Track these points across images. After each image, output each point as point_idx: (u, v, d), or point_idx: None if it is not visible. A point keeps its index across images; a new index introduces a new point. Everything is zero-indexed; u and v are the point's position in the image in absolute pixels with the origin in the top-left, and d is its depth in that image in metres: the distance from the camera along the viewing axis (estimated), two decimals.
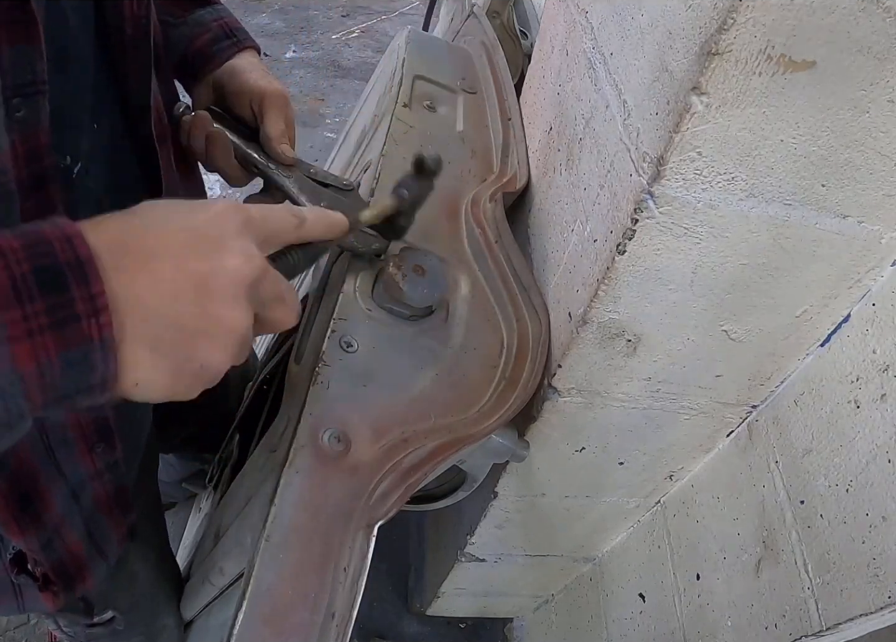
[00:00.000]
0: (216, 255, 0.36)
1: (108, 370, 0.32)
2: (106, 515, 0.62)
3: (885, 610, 0.57)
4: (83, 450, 0.55)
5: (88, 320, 0.31)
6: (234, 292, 0.36)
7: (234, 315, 0.36)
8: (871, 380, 0.60)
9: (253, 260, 0.37)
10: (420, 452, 0.58)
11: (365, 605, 0.71)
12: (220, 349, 0.36)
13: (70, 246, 0.31)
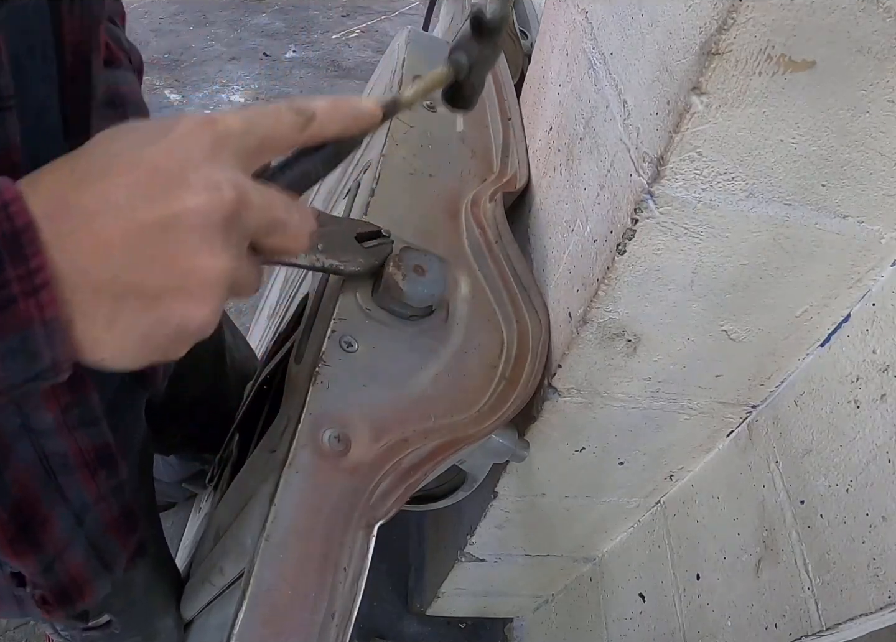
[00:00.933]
0: (173, 196, 0.29)
1: (58, 353, 0.28)
2: (114, 535, 0.61)
3: (885, 610, 0.57)
4: (86, 476, 0.53)
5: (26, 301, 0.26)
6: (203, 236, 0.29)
7: (208, 264, 0.30)
8: (871, 380, 0.60)
9: (221, 190, 0.30)
10: (420, 452, 0.58)
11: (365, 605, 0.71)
12: (197, 304, 0.30)
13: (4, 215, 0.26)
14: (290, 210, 0.35)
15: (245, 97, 2.78)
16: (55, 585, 0.59)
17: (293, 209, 0.35)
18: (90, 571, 0.61)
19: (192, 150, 0.30)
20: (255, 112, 0.34)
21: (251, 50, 3.01)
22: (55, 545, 0.55)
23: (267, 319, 1.46)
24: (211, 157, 0.31)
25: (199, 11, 3.13)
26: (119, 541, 0.63)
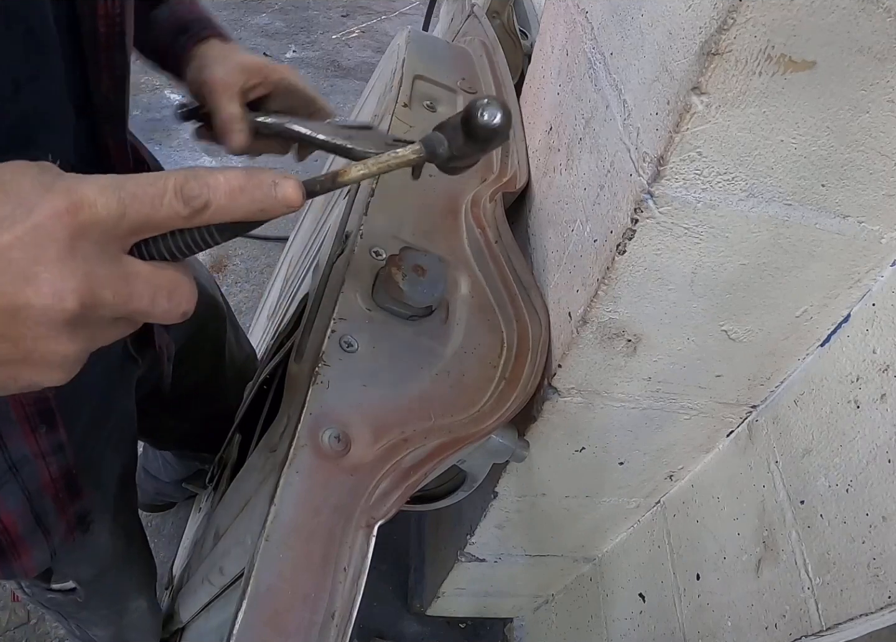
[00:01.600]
0: (20, 291, 0.29)
1: None
2: (51, 496, 0.62)
3: (885, 610, 0.57)
4: (26, 430, 0.54)
5: None
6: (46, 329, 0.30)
7: (51, 348, 0.31)
8: (871, 380, 0.60)
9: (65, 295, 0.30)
10: (420, 452, 0.58)
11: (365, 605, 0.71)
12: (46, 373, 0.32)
13: None
14: (155, 299, 0.33)
15: None
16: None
17: (159, 297, 0.33)
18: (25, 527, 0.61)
19: (47, 247, 0.30)
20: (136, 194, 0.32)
21: (251, 50, 3.01)
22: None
23: (267, 319, 1.46)
24: (66, 253, 0.30)
25: None
26: (56, 505, 0.63)
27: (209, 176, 0.33)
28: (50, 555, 0.67)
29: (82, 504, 0.66)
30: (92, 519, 0.69)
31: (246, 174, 0.34)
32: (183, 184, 0.32)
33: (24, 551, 0.64)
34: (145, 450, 1.48)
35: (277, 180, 0.34)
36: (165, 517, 1.56)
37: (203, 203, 0.32)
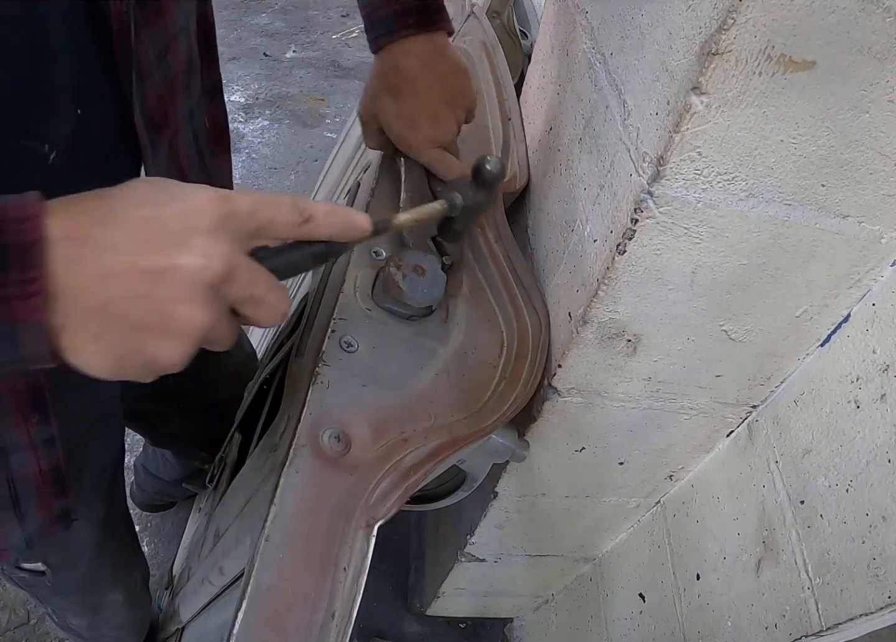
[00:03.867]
0: (173, 253, 0.34)
1: (38, 349, 0.33)
2: (36, 488, 0.62)
3: (885, 610, 0.57)
4: (19, 418, 0.55)
5: (18, 303, 0.32)
6: (189, 292, 0.34)
7: (187, 314, 0.35)
8: (871, 380, 0.60)
9: (213, 260, 0.35)
10: (420, 452, 0.58)
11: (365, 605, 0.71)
12: (169, 346, 0.35)
13: (22, 228, 0.31)
14: (269, 290, 0.39)
15: (245, 97, 2.78)
16: None
17: (273, 290, 0.39)
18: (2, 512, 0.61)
19: (201, 220, 0.35)
20: (264, 199, 0.38)
21: (251, 50, 3.01)
22: None
23: None
24: (214, 230, 0.35)
25: None
26: (39, 497, 0.63)
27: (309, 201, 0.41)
28: (25, 542, 0.66)
29: (67, 503, 0.66)
30: (76, 518, 0.69)
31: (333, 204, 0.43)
32: (295, 200, 0.40)
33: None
34: (145, 449, 1.48)
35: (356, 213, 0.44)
36: (165, 517, 1.56)
37: (309, 215, 0.40)
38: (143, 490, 1.50)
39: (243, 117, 2.69)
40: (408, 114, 0.69)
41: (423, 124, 0.70)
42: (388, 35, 0.67)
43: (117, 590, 0.95)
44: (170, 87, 0.56)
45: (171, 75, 0.56)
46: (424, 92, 0.68)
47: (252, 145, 2.57)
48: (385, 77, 0.68)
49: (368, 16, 0.68)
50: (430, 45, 0.68)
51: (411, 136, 0.70)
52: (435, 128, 0.71)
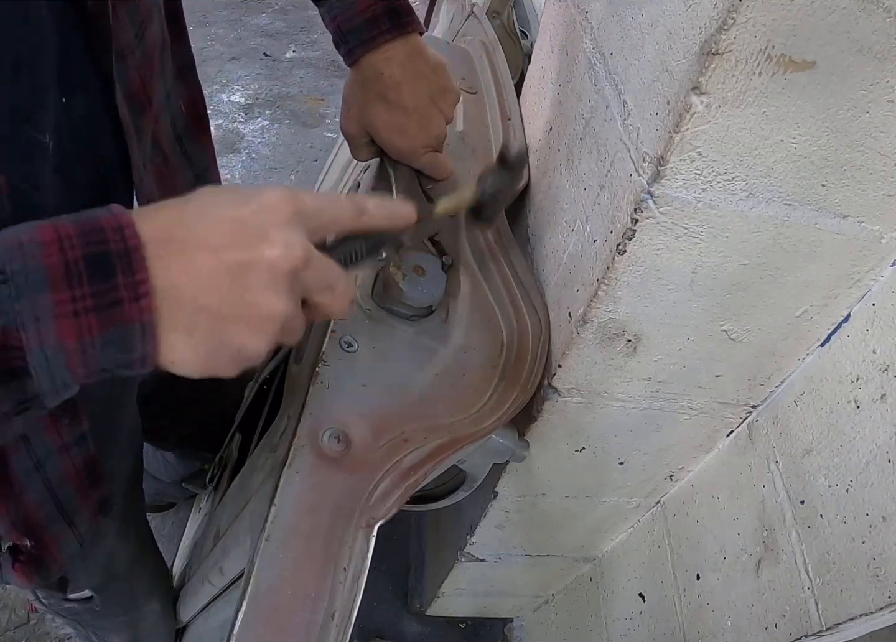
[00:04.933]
0: (256, 245, 0.36)
1: (147, 350, 0.35)
2: (75, 487, 0.62)
3: (885, 610, 0.57)
4: (48, 422, 0.55)
5: (130, 305, 0.34)
6: (272, 280, 0.37)
7: (270, 302, 0.37)
8: (871, 380, 0.60)
9: (294, 249, 0.37)
10: (420, 452, 0.58)
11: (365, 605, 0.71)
12: (255, 334, 0.38)
13: (121, 236, 0.34)
14: (340, 277, 0.42)
15: (245, 97, 2.78)
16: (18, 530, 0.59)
17: (342, 277, 0.42)
18: (49, 518, 0.61)
19: (277, 216, 0.38)
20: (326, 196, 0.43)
21: (251, 50, 3.01)
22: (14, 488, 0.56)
23: None
24: (289, 223, 0.38)
25: (199, 11, 3.12)
26: (79, 493, 0.63)
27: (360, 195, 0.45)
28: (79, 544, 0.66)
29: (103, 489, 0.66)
30: (115, 503, 0.69)
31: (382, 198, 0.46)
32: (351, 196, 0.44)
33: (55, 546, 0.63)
34: (146, 451, 1.47)
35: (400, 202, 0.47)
36: (165, 517, 1.56)
37: (366, 207, 0.44)
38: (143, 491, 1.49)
39: (243, 117, 2.69)
40: (397, 122, 0.69)
41: (413, 131, 0.70)
42: (365, 44, 0.67)
43: (155, 599, 0.95)
44: (150, 67, 0.54)
45: (150, 55, 0.54)
46: (410, 96, 0.68)
47: (252, 145, 2.57)
48: (369, 88, 0.68)
49: (339, 28, 0.67)
50: (409, 47, 0.68)
51: (404, 143, 0.70)
52: (426, 132, 0.71)
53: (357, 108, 0.70)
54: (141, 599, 0.92)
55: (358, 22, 0.66)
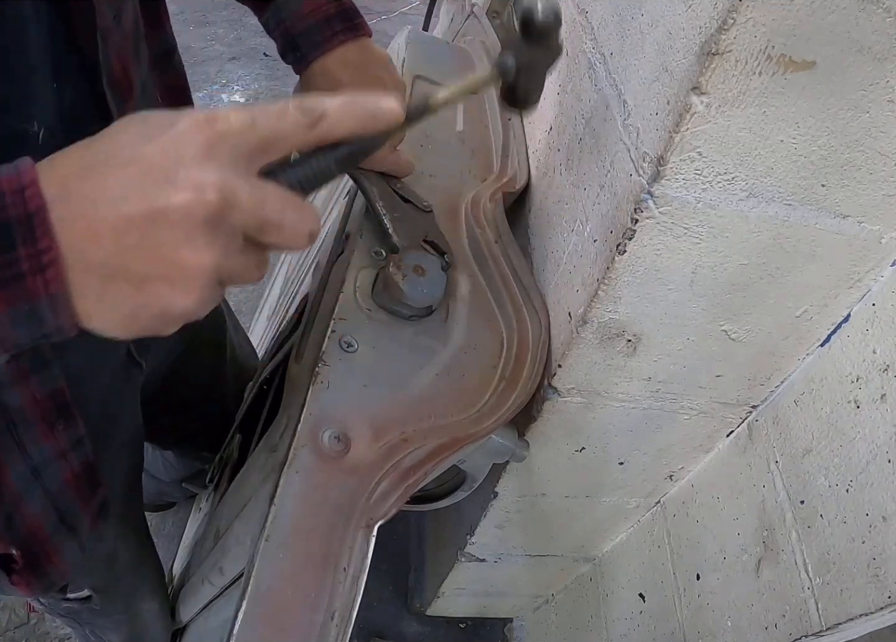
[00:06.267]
0: (161, 193, 0.31)
1: (61, 322, 0.32)
2: (74, 492, 0.61)
3: (885, 610, 0.57)
4: (44, 429, 0.53)
5: (34, 277, 0.30)
6: (186, 232, 0.31)
7: (189, 257, 0.32)
8: (871, 380, 0.60)
9: (205, 192, 0.31)
10: (420, 452, 0.58)
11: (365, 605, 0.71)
12: (180, 292, 0.33)
13: (21, 198, 0.30)
14: (284, 209, 0.35)
15: (245, 97, 2.78)
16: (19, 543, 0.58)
17: (289, 209, 0.35)
18: (50, 528, 0.60)
19: (187, 149, 0.32)
20: (260, 110, 0.34)
21: (251, 50, 3.01)
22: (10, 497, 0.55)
23: (267, 319, 1.46)
24: (204, 156, 0.32)
25: (199, 11, 3.12)
26: (80, 500, 0.62)
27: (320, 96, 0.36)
28: (81, 550, 0.65)
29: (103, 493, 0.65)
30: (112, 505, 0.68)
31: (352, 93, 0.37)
32: (301, 102, 0.35)
33: (55, 554, 0.62)
34: (146, 450, 1.47)
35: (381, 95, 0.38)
36: (165, 517, 1.56)
37: (321, 112, 0.35)
38: (143, 491, 1.49)
39: None
40: None
41: None
42: (318, 47, 0.64)
43: (154, 599, 0.95)
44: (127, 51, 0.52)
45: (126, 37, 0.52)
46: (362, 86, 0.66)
47: None
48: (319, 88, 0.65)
49: (286, 32, 0.65)
50: (360, 48, 0.65)
51: None
52: None
53: None
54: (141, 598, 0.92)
55: (308, 24, 0.64)
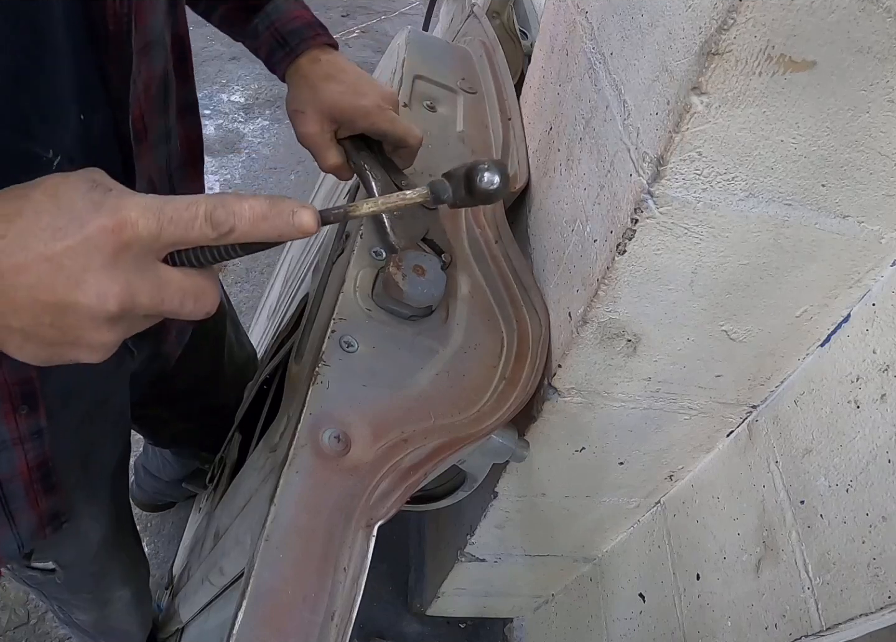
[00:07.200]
0: (70, 293, 0.35)
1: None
2: (23, 486, 0.61)
3: (885, 610, 0.57)
4: (7, 409, 0.55)
5: None
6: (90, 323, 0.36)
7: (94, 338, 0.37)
8: (871, 380, 0.60)
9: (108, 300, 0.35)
10: (420, 452, 0.58)
11: (365, 605, 0.71)
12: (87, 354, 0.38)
13: None
14: (183, 302, 0.39)
15: (245, 97, 2.78)
16: None
17: (188, 300, 0.39)
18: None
19: (94, 257, 0.35)
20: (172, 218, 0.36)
21: None
22: None
23: (267, 319, 1.46)
24: (109, 265, 0.35)
25: None
26: (27, 494, 0.62)
27: (236, 204, 0.37)
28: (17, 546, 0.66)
29: (57, 501, 0.66)
30: (66, 520, 0.68)
31: (269, 203, 0.38)
32: (212, 211, 0.37)
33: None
34: (145, 449, 1.48)
35: (296, 209, 0.39)
36: (165, 517, 1.56)
37: (229, 228, 0.37)
38: (143, 490, 1.50)
39: (243, 117, 2.69)
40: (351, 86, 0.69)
41: (368, 89, 0.70)
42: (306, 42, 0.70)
43: (126, 587, 0.95)
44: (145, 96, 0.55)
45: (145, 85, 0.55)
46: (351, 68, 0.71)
47: (252, 145, 2.57)
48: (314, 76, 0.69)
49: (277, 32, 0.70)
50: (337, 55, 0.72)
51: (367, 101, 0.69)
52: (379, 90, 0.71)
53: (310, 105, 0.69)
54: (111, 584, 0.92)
55: (296, 25, 0.71)
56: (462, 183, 0.45)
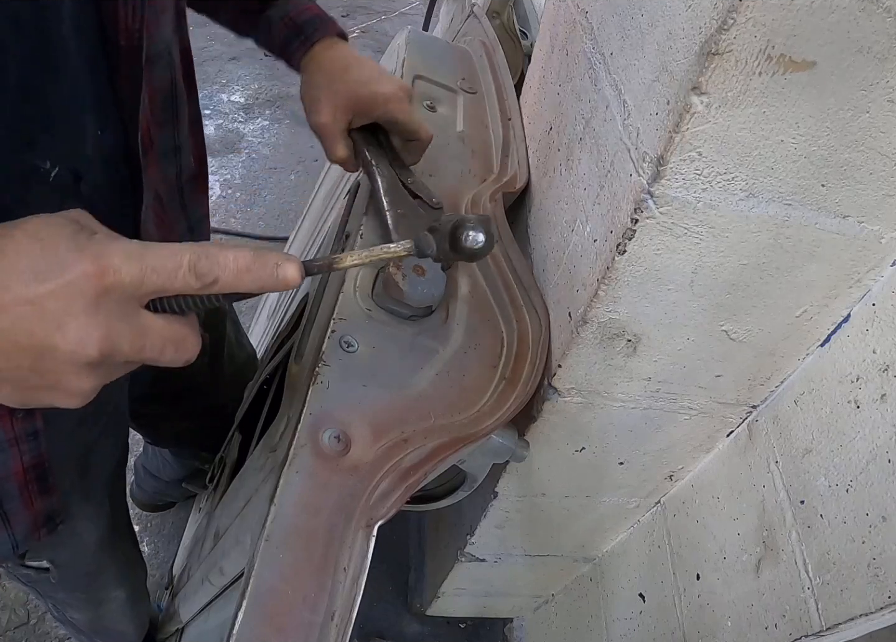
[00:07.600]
0: (50, 336, 0.35)
1: None
2: (17, 487, 0.61)
3: (885, 610, 0.57)
4: (3, 412, 0.54)
5: None
6: (70, 368, 0.36)
7: (74, 381, 0.36)
8: (871, 380, 0.60)
9: (88, 346, 0.35)
10: (420, 452, 0.58)
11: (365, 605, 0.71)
12: (65, 399, 0.38)
13: None
14: (164, 349, 0.38)
15: (245, 97, 2.78)
16: None
17: (168, 347, 0.39)
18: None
19: (76, 301, 0.34)
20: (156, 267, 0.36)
21: (251, 50, 3.00)
22: None
23: (267, 319, 1.46)
24: (91, 310, 0.35)
25: None
26: (21, 494, 0.62)
27: (220, 255, 0.37)
28: (12, 547, 0.65)
29: (52, 503, 0.65)
30: (62, 521, 0.68)
31: (253, 255, 0.38)
32: (196, 262, 0.37)
33: None
34: (145, 449, 1.48)
35: (280, 262, 0.39)
36: (165, 517, 1.56)
37: (213, 279, 0.37)
38: (143, 490, 1.50)
39: (243, 117, 2.69)
40: (371, 72, 0.70)
41: (386, 78, 0.70)
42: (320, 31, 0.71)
43: (122, 588, 0.95)
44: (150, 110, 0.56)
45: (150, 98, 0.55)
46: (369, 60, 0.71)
47: (252, 145, 2.57)
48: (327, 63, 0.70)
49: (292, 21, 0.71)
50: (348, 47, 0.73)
51: (387, 88, 0.69)
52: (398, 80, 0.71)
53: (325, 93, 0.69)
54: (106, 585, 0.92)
55: (310, 15, 0.72)
56: (447, 239, 0.45)
